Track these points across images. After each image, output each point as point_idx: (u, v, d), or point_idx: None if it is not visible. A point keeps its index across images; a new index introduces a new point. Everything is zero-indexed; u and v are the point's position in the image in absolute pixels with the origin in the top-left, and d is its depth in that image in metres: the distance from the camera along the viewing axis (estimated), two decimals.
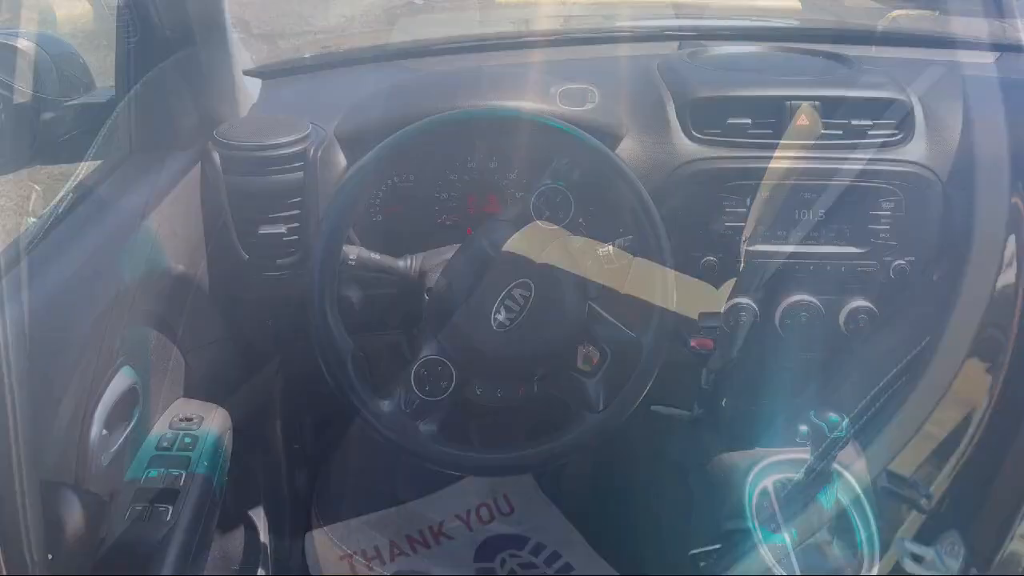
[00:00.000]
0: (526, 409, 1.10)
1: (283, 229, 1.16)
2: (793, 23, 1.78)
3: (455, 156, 1.26)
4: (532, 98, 1.21)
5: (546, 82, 1.28)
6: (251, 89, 1.33)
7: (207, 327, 1.24)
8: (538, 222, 1.02)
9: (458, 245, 1.07)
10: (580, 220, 1.20)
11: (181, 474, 1.05)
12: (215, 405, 1.19)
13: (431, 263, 1.12)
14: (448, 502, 1.88)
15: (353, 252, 1.06)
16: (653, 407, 1.31)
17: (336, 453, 1.89)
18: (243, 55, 1.33)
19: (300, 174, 1.16)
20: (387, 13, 4.72)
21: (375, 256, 1.09)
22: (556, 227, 1.03)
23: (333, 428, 1.84)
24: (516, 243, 1.03)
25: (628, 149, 1.22)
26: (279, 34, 4.66)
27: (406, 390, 1.02)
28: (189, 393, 1.21)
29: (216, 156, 1.15)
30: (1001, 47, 1.58)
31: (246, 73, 1.33)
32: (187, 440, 1.10)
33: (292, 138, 1.16)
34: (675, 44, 1.51)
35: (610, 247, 1.07)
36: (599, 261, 1.05)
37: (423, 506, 1.88)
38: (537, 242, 1.03)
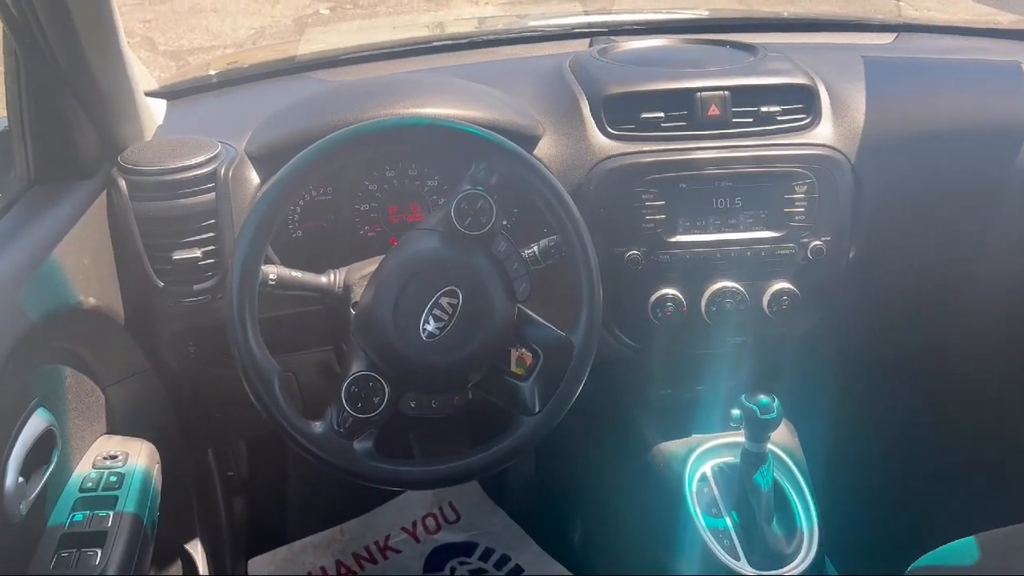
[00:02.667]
0: (465, 417, 1.09)
1: (198, 253, 1.12)
2: (701, 14, 1.81)
3: (373, 166, 1.25)
4: (446, 104, 1.20)
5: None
6: (155, 111, 1.28)
7: (126, 359, 1.20)
8: (461, 228, 1.01)
9: (382, 257, 1.05)
10: (504, 223, 1.20)
11: (108, 514, 1.01)
12: (141, 440, 1.15)
13: (355, 277, 1.10)
14: (393, 516, 1.87)
15: (273, 271, 1.03)
16: None
17: (273, 477, 1.86)
18: (145, 76, 1.29)
19: (212, 195, 1.13)
20: (297, 23, 4.66)
21: (296, 274, 1.06)
22: (480, 232, 1.02)
23: (268, 452, 1.81)
24: (440, 251, 1.02)
25: (546, 149, 1.23)
26: (187, 50, 4.54)
27: (338, 409, 0.99)
28: (112, 429, 1.17)
29: (122, 182, 1.11)
30: (898, 27, 1.63)
31: (149, 95, 1.28)
32: (112, 479, 1.06)
33: (201, 159, 1.13)
34: (586, 41, 1.52)
35: (535, 248, 1.07)
36: (525, 263, 1.05)
37: (367, 522, 1.86)
38: (462, 249, 1.02)
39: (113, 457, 1.10)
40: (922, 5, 2.03)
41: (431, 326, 0.99)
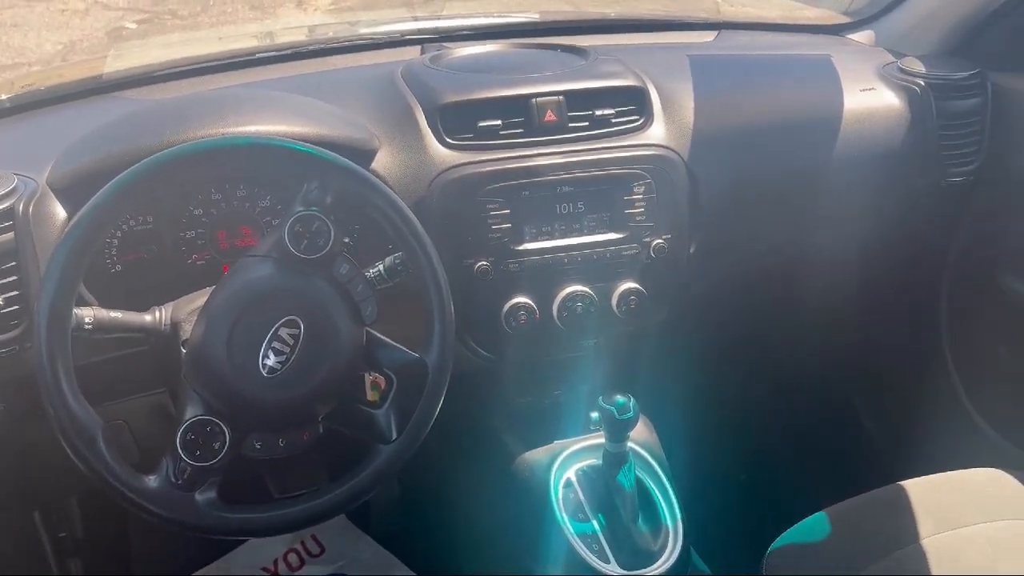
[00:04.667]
0: (321, 450, 1.03)
1: None
2: (533, 17, 1.81)
3: (196, 190, 1.16)
4: (273, 120, 1.13)
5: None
6: None
7: None
8: (297, 253, 0.95)
9: (213, 288, 0.98)
10: (346, 240, 1.15)
11: None
12: None
13: (183, 312, 1.02)
14: (250, 556, 1.77)
15: (88, 314, 0.94)
16: None
17: (112, 531, 1.71)
18: None
19: (10, 235, 1.01)
20: (111, 36, 4.35)
21: (115, 314, 0.97)
22: (318, 256, 0.96)
23: (104, 505, 1.66)
24: (275, 279, 0.96)
25: (384, 163, 1.18)
26: None
27: (174, 459, 0.91)
28: None
29: None
30: (719, 25, 1.69)
31: None
32: None
33: None
34: (417, 48, 1.48)
35: (380, 267, 1.03)
36: (370, 284, 1.00)
37: (223, 567, 1.75)
38: (299, 275, 0.96)
39: None
40: (737, 1, 2.12)
41: (271, 360, 0.93)
